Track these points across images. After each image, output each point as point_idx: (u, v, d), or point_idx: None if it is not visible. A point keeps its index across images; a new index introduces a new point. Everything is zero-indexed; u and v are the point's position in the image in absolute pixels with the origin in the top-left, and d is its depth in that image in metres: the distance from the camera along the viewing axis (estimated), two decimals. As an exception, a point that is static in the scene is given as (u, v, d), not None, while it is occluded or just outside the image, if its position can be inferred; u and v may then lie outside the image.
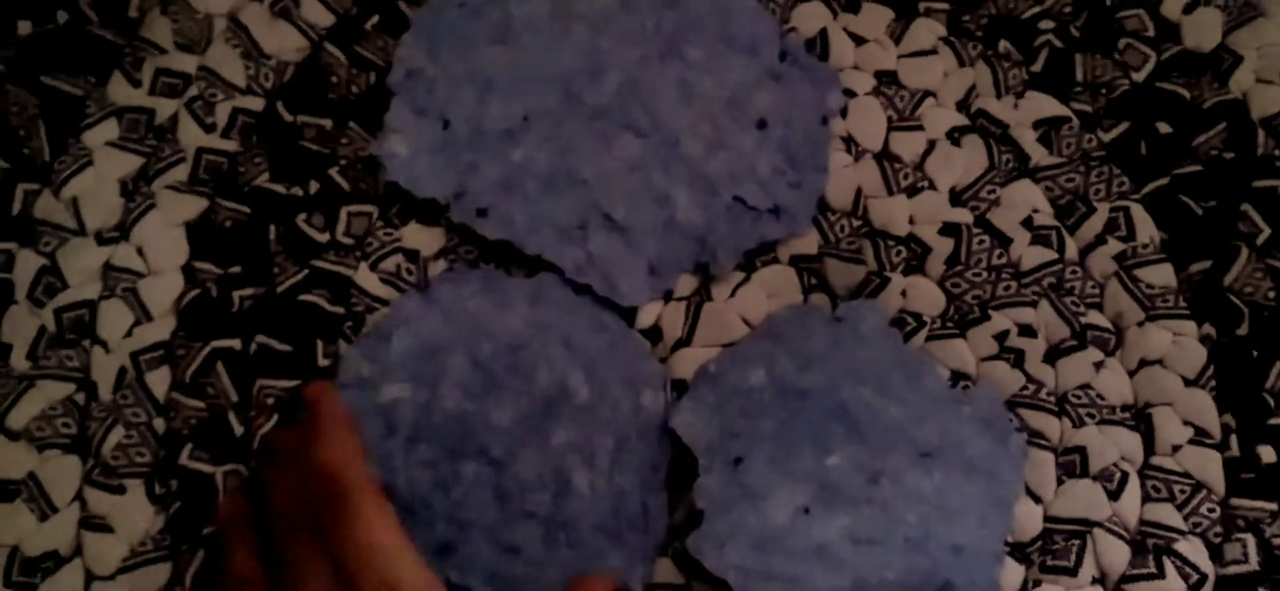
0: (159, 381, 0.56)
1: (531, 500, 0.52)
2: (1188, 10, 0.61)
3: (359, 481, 0.42)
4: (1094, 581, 0.53)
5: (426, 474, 0.52)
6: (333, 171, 0.59)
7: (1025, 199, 0.59)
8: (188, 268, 0.58)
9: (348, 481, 0.41)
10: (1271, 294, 0.57)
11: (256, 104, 0.61)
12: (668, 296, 0.57)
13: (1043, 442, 0.55)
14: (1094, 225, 0.58)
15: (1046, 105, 0.60)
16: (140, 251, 0.58)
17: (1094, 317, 0.57)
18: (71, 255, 0.58)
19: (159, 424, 0.56)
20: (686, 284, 0.57)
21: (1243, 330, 0.56)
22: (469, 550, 0.51)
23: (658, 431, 0.54)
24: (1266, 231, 0.58)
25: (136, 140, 0.60)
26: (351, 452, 0.43)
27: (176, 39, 0.61)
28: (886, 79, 0.61)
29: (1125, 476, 0.54)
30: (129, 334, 0.57)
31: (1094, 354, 0.56)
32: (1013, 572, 0.53)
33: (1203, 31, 0.61)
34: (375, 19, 0.62)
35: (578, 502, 0.52)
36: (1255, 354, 0.56)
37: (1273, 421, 0.55)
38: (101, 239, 0.58)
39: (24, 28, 0.62)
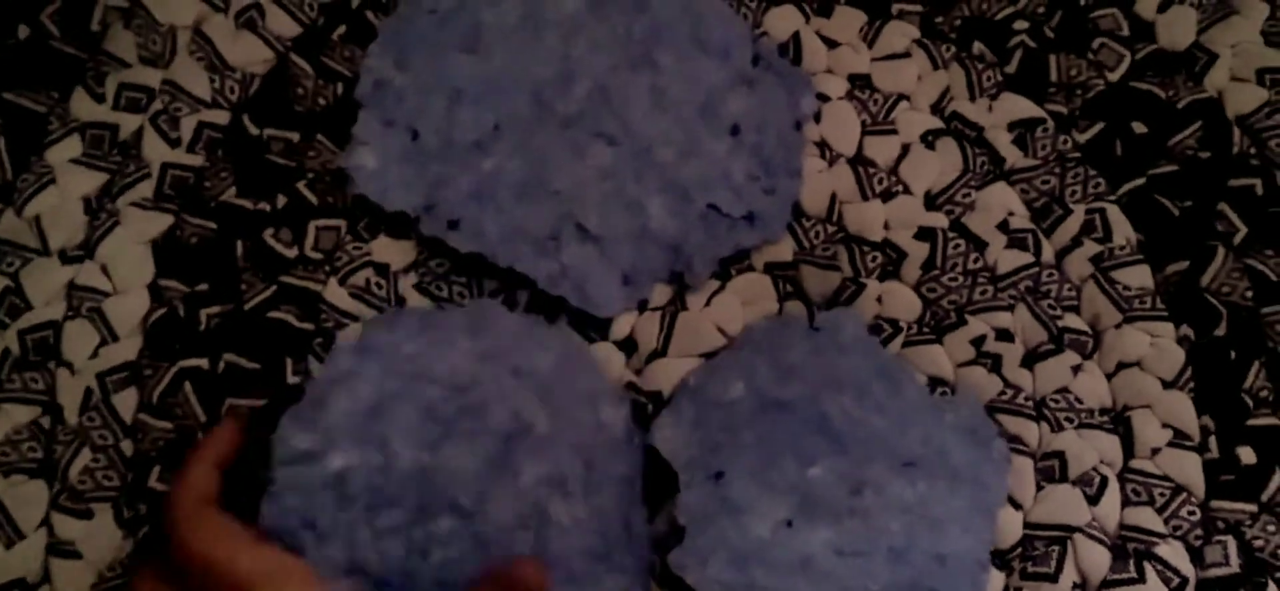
0: (126, 402, 0.55)
1: (515, 543, 0.49)
2: (1162, 9, 0.61)
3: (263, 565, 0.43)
4: (1075, 587, 0.53)
5: (396, 541, 0.48)
6: (300, 185, 0.58)
7: (1001, 202, 0.58)
8: (154, 286, 0.57)
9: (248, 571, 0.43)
10: (1249, 293, 0.56)
11: (222, 117, 0.60)
12: (642, 306, 0.57)
13: (1021, 448, 0.54)
14: (1070, 227, 0.58)
15: (1021, 107, 0.60)
16: (105, 270, 0.57)
17: (1071, 320, 0.56)
18: (35, 275, 0.57)
19: (127, 446, 0.55)
20: (661, 293, 0.57)
21: (1220, 330, 0.56)
22: None
23: (624, 445, 0.53)
24: (1243, 230, 0.57)
25: (100, 156, 0.59)
26: (229, 538, 0.44)
27: (140, 52, 0.60)
28: (860, 83, 0.60)
29: (1105, 480, 0.54)
30: (95, 355, 0.56)
31: (1072, 357, 0.56)
32: (994, 579, 0.53)
33: (1177, 30, 0.61)
34: (342, 29, 0.61)
35: (561, 535, 0.50)
36: (1233, 354, 0.56)
37: (1252, 422, 0.55)
38: (65, 258, 0.57)
39: (-16, 43, 0.61)
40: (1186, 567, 0.53)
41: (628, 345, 0.56)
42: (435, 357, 0.51)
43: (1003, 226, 0.58)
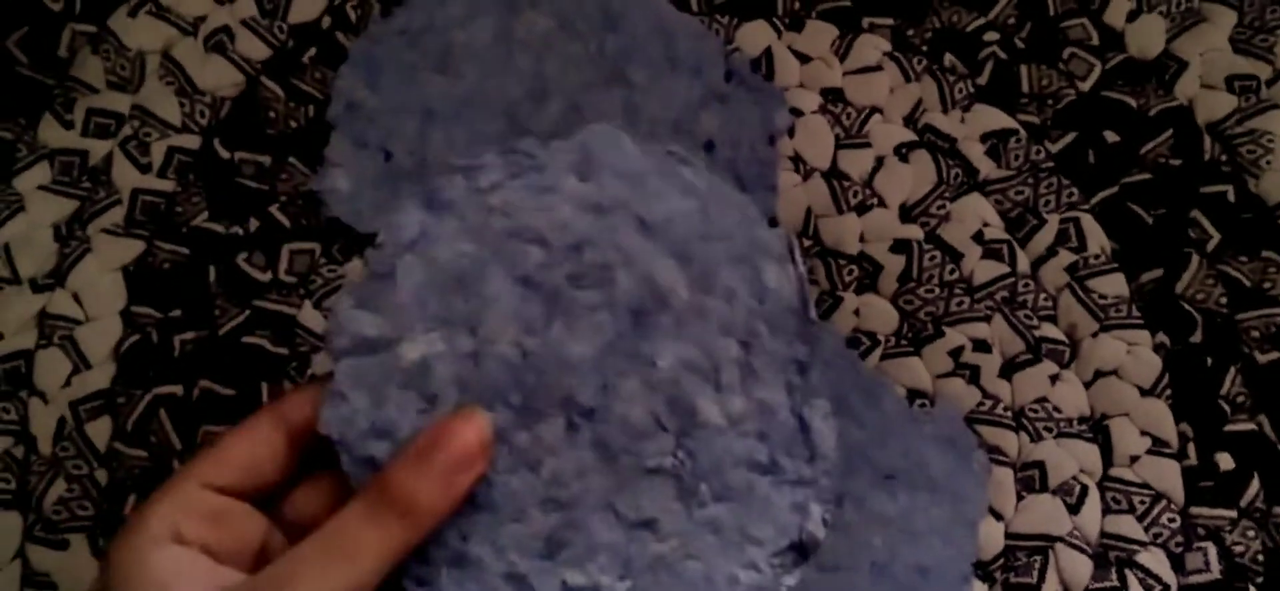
0: (100, 431, 0.55)
1: (647, 450, 0.38)
2: (1131, 17, 0.61)
3: None
4: (1057, 596, 0.53)
5: (498, 454, 0.37)
6: (273, 209, 0.58)
7: (975, 213, 0.58)
8: (126, 313, 0.57)
9: None
10: (1223, 300, 0.57)
11: (193, 142, 0.59)
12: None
13: (1001, 458, 0.54)
14: (1045, 237, 0.58)
15: (994, 118, 0.60)
16: (77, 298, 0.57)
17: (1048, 330, 0.57)
18: (5, 304, 0.56)
19: (101, 475, 0.54)
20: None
21: (1196, 337, 0.56)
22: (585, 539, 0.38)
23: (795, 316, 0.40)
24: (1216, 237, 0.57)
25: (70, 183, 0.58)
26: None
27: (108, 78, 0.60)
28: (833, 96, 0.60)
29: (1085, 489, 0.54)
30: (67, 383, 0.56)
31: (1049, 367, 0.56)
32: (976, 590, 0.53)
33: (1146, 38, 0.61)
34: (312, 51, 0.61)
35: (713, 440, 0.38)
36: (1209, 361, 0.56)
37: (1229, 428, 0.55)
38: (36, 286, 0.57)
39: (-50, 72, 0.60)
40: (1168, 575, 0.53)
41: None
42: (533, 208, 0.40)
43: (978, 237, 0.58)
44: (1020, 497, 0.54)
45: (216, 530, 0.36)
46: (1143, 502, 0.54)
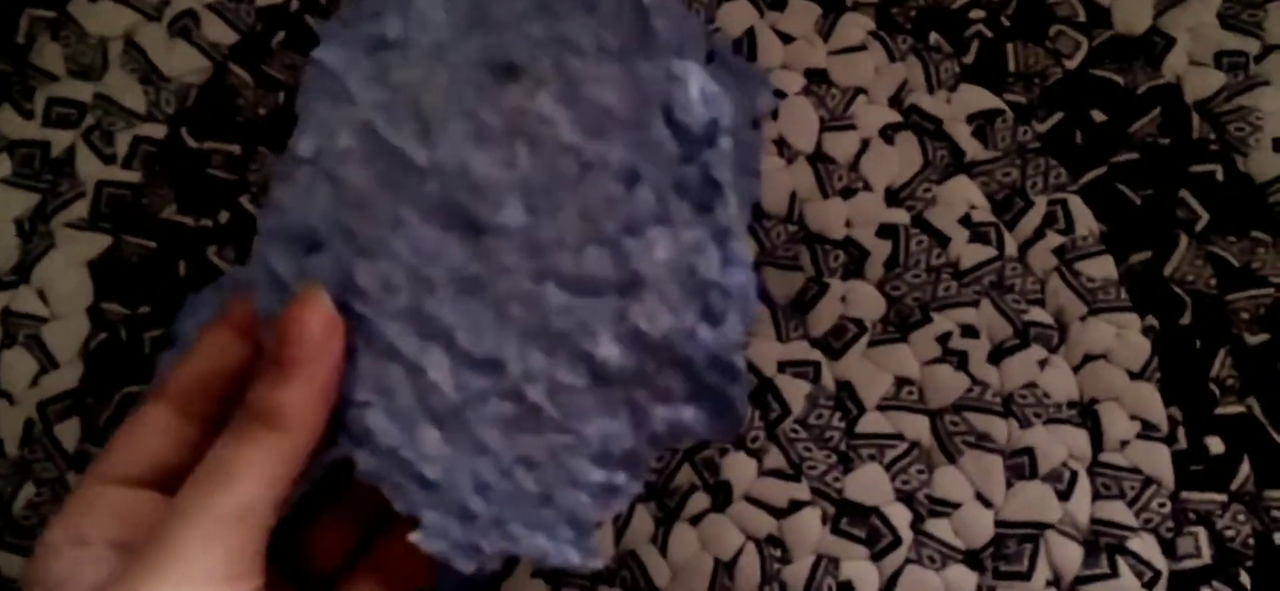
0: (69, 433, 0.54)
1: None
2: (1117, -8, 0.60)
3: None
4: (1048, 584, 0.52)
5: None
6: (243, 200, 0.57)
7: (962, 195, 0.57)
8: (94, 309, 0.55)
9: None
10: (1213, 281, 0.56)
11: (158, 131, 0.58)
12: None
13: (990, 445, 0.54)
14: (1032, 219, 0.57)
15: (980, 98, 0.59)
16: (42, 295, 0.56)
17: (1036, 314, 0.56)
18: (-33, 303, 0.55)
19: (72, 478, 0.53)
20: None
21: (1185, 319, 0.56)
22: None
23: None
24: (1205, 217, 0.57)
25: (31, 176, 0.57)
26: None
27: (69, 65, 0.58)
28: (817, 77, 0.59)
29: (1074, 476, 0.53)
30: (34, 383, 0.54)
31: (1038, 352, 0.55)
32: (966, 579, 0.52)
33: (1133, 14, 0.60)
34: (281, 35, 0.59)
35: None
36: (1198, 343, 0.55)
37: (1219, 411, 0.55)
38: (-1, 284, 0.55)
39: (-97, 61, 0.59)
40: (1159, 560, 0.52)
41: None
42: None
43: (965, 220, 0.57)
44: (1009, 484, 0.53)
45: (123, 524, 0.34)
46: (1133, 488, 0.53)
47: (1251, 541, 0.53)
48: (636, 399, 0.35)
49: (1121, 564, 0.52)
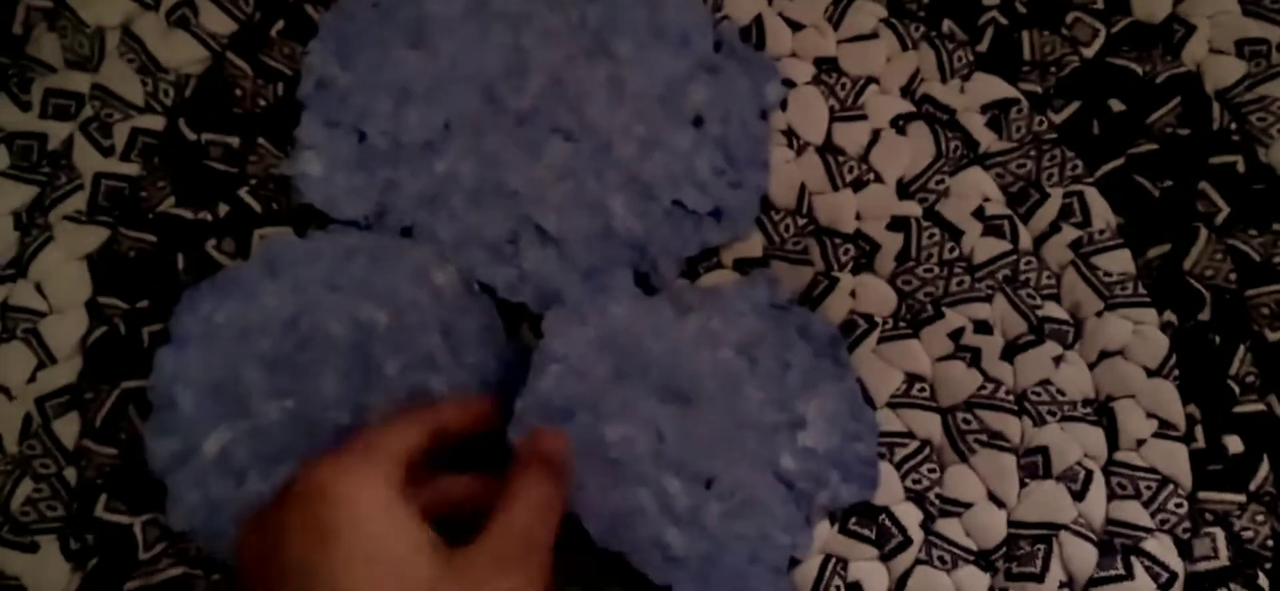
0: (68, 428, 0.53)
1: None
2: (1136, -23, 0.59)
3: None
4: (1062, 586, 0.51)
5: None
6: (242, 192, 0.56)
7: (976, 187, 0.56)
8: (92, 304, 0.55)
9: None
10: (1233, 276, 0.55)
11: (157, 123, 0.57)
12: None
13: (1003, 444, 0.53)
14: (1048, 212, 0.56)
15: (994, 87, 0.58)
16: (40, 289, 0.55)
17: (1051, 309, 0.55)
18: (-36, 298, 0.55)
19: (70, 474, 0.53)
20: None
21: (1204, 315, 0.55)
22: None
23: (469, 297, 0.54)
24: (1225, 210, 0.56)
25: (28, 168, 0.56)
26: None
27: (66, 56, 0.58)
28: (826, 66, 0.58)
29: (1089, 475, 0.52)
30: (32, 379, 0.54)
31: (1053, 348, 0.54)
32: (977, 580, 0.51)
33: (1153, 0, 0.58)
34: (280, 24, 0.58)
35: None
36: (1218, 340, 0.54)
37: (1238, 409, 0.53)
38: (-4, 278, 0.55)
39: (-100, 53, 0.58)
40: (1175, 562, 0.51)
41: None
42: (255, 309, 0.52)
43: (978, 213, 0.56)
44: (1023, 484, 0.53)
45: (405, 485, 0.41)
46: (1149, 488, 0.52)
47: (1270, 543, 0.52)
48: (803, 491, 0.51)
49: (1137, 565, 0.51)
